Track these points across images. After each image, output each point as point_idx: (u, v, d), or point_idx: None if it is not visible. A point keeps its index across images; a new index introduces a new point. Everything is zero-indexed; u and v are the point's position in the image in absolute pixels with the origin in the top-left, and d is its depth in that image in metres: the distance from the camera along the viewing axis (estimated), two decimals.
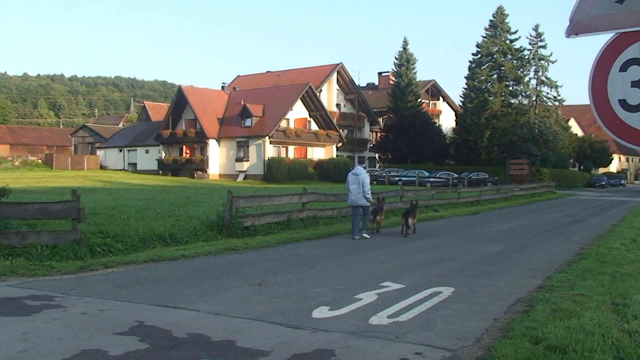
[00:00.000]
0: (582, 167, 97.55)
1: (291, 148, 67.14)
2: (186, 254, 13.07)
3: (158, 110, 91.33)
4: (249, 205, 17.77)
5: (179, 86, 69.85)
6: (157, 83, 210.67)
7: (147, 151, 72.64)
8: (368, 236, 17.54)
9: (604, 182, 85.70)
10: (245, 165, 63.61)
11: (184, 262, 12.28)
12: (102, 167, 75.63)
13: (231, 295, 8.96)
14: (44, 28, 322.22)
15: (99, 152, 78.74)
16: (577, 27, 4.80)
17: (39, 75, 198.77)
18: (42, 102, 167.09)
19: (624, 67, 4.68)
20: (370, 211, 18.41)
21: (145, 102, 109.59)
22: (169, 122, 68.25)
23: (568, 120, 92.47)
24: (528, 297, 9.23)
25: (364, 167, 15.46)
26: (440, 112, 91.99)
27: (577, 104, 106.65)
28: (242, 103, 65.01)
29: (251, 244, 15.00)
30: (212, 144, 65.23)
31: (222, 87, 75.06)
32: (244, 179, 62.88)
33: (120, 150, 76.10)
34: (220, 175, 65.29)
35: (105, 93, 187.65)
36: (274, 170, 59.71)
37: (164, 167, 68.10)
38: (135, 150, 74.47)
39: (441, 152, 74.27)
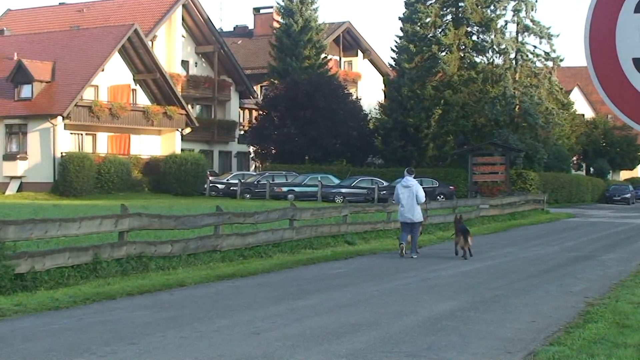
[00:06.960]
0: (592, 169, 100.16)
1: (103, 136, 66.69)
2: None
3: None
4: (25, 237, 17.44)
5: None
6: None
7: None
8: (415, 256, 25.10)
9: (627, 195, 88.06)
10: (20, 167, 62.56)
11: None
12: None
13: None
14: None
15: None
16: None
17: None
18: None
19: None
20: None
21: None
22: None
23: (569, 91, 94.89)
24: None
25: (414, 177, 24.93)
26: (359, 76, 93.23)
27: (584, 66, 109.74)
28: (16, 58, 63.96)
29: (29, 305, 14.70)
30: None
31: None
32: (19, 190, 61.85)
33: None
34: None
35: None
36: (72, 176, 58.87)
37: None
38: None
39: (361, 145, 75.12)
